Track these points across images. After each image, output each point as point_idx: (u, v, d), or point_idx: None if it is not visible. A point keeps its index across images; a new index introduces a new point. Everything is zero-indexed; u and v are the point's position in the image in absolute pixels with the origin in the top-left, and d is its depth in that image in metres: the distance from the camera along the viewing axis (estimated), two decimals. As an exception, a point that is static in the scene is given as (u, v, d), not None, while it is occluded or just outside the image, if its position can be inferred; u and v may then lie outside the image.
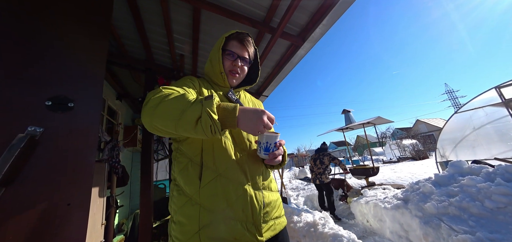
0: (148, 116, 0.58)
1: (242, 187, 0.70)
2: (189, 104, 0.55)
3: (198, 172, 0.69)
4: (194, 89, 0.78)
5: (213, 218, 0.65)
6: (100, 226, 1.96)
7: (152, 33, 2.26)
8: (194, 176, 0.68)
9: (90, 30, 0.86)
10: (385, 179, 7.99)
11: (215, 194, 0.66)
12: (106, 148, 2.39)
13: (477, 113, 4.89)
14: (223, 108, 0.59)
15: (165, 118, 0.56)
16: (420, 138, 20.98)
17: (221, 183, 0.68)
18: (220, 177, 0.68)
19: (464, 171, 2.49)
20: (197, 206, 0.66)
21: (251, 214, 0.69)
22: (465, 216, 1.86)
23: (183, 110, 0.54)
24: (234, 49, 0.86)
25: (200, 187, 0.67)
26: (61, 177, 0.62)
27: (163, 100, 0.57)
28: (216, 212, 0.65)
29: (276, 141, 0.71)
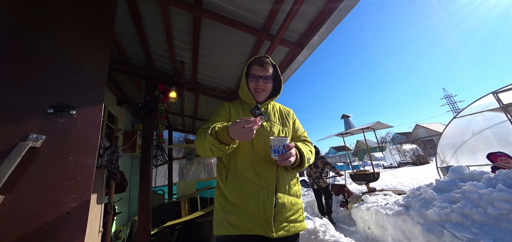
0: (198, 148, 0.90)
1: (256, 187, 0.86)
2: (206, 139, 0.80)
3: (226, 173, 0.92)
4: (226, 115, 1.03)
5: (232, 208, 0.84)
6: (97, 234, 1.93)
7: (153, 40, 2.29)
8: (223, 176, 0.92)
9: (92, 38, 0.87)
10: (386, 184, 7.93)
11: (234, 190, 0.86)
12: (105, 154, 2.38)
13: (475, 118, 4.91)
14: (219, 131, 0.79)
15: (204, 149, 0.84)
16: (420, 143, 20.97)
17: (239, 182, 0.87)
18: (239, 177, 0.88)
19: (465, 176, 2.47)
20: (224, 197, 0.89)
21: (263, 211, 0.82)
22: (468, 223, 1.84)
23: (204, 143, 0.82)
24: (256, 72, 1.04)
25: (226, 184, 0.89)
26: (61, 184, 0.62)
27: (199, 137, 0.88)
28: (234, 205, 0.85)
29: (284, 144, 0.81)
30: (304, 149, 0.94)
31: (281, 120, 1.08)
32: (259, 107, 1.05)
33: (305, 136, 1.13)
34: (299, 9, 1.62)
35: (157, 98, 2.83)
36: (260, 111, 1.04)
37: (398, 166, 16.80)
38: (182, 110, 4.24)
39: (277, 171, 0.91)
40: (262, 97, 1.05)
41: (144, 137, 2.49)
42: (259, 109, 1.04)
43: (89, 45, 0.86)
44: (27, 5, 0.76)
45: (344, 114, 11.46)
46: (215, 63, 2.65)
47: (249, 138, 0.73)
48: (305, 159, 0.93)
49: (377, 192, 4.37)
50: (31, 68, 0.70)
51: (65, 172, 0.63)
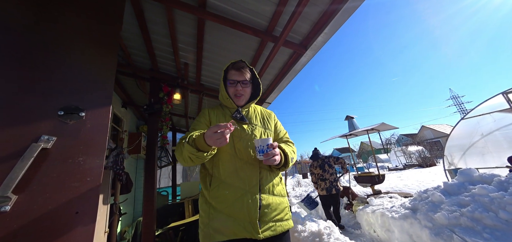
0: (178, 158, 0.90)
1: (240, 191, 0.86)
2: (184, 148, 0.82)
3: (209, 180, 0.91)
4: (206, 122, 1.03)
5: (217, 215, 0.84)
6: (103, 234, 1.96)
7: (158, 43, 2.33)
8: (207, 183, 0.91)
9: (101, 42, 0.89)
10: (392, 187, 7.80)
11: (218, 197, 0.86)
12: (111, 155, 2.42)
13: (484, 119, 4.79)
14: (196, 139, 0.82)
15: (184, 159, 0.85)
16: (426, 145, 20.57)
17: (222, 188, 0.86)
18: (222, 183, 0.87)
19: (475, 179, 2.41)
20: (208, 205, 0.88)
21: (248, 214, 0.82)
22: (479, 228, 1.78)
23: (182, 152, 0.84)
24: (233, 77, 1.05)
25: (210, 191, 0.88)
26: (70, 185, 0.63)
27: (179, 147, 0.89)
28: (219, 211, 0.84)
29: (268, 143, 0.84)
30: (287, 150, 0.98)
31: (263, 122, 1.09)
32: (240, 111, 1.05)
33: (287, 137, 1.16)
34: (302, 10, 1.62)
35: (162, 100, 2.87)
36: (241, 115, 1.03)
37: (403, 168, 16.50)
38: (186, 111, 4.28)
39: (260, 173, 0.92)
40: (242, 101, 1.07)
41: (149, 139, 2.52)
42: (240, 113, 1.04)
43: (98, 49, 0.88)
44: (39, 11, 0.79)
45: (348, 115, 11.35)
46: (218, 65, 2.67)
47: (222, 143, 0.74)
48: (289, 159, 0.96)
49: (382, 195, 4.30)
50: (42, 71, 0.72)
51: (75, 173, 0.64)
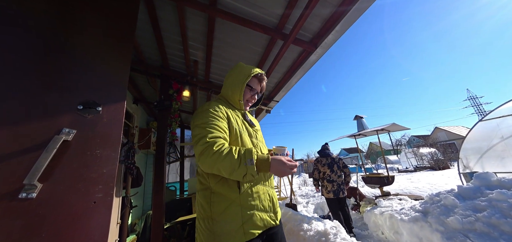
0: (208, 167, 0.81)
1: (264, 187, 0.98)
2: (237, 166, 0.78)
3: (235, 183, 0.89)
4: (224, 119, 0.96)
5: (251, 213, 0.88)
6: (115, 225, 2.04)
7: (169, 40, 2.37)
8: (234, 185, 0.88)
9: (116, 40, 0.92)
10: (401, 189, 7.57)
11: (251, 195, 0.91)
12: (123, 150, 2.51)
13: (505, 121, 4.52)
14: (260, 160, 0.83)
15: (222, 171, 0.80)
16: (440, 147, 19.75)
17: (254, 188, 0.93)
18: (255, 183, 0.94)
19: (492, 183, 2.29)
20: (240, 207, 0.87)
21: (272, 206, 0.98)
22: (496, 234, 1.70)
23: (233, 170, 0.78)
24: (254, 85, 1.10)
25: (241, 195, 0.88)
26: (89, 176, 0.66)
27: (219, 158, 0.79)
28: (253, 208, 0.89)
29: (285, 153, 0.94)
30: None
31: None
32: (247, 116, 1.13)
33: None
34: (314, 7, 1.60)
35: (171, 97, 2.93)
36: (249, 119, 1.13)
37: (414, 170, 15.96)
38: (194, 108, 4.35)
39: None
40: (248, 108, 1.15)
41: (159, 134, 2.59)
42: (248, 117, 1.13)
43: (113, 47, 0.91)
44: (59, 11, 0.83)
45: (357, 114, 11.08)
46: (227, 62, 2.68)
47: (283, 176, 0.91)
48: None
49: (391, 197, 4.19)
50: (63, 67, 0.76)
51: (93, 164, 0.67)
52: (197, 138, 0.84)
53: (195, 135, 0.87)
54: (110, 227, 1.76)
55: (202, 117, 0.90)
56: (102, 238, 0.61)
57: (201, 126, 0.87)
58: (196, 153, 0.83)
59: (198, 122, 0.89)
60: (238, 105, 1.07)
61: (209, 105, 0.96)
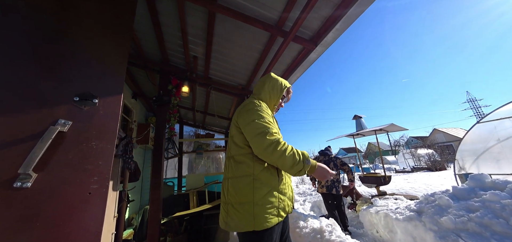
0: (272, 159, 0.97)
1: (290, 179, 1.17)
2: (297, 164, 0.98)
3: (276, 172, 1.05)
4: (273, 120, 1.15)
5: (283, 199, 1.05)
6: (112, 219, 2.05)
7: (168, 35, 2.36)
8: (275, 174, 1.05)
9: (114, 33, 0.92)
10: (398, 189, 7.63)
11: (285, 184, 1.09)
12: (121, 144, 2.50)
13: (503, 123, 4.56)
14: (312, 165, 1.05)
15: (283, 165, 0.98)
16: (437, 148, 19.89)
17: (286, 178, 1.13)
18: (285, 175, 1.13)
19: (487, 185, 2.32)
20: (276, 193, 1.02)
21: (292, 195, 1.16)
22: (487, 234, 1.73)
23: (293, 165, 0.97)
24: (285, 95, 1.35)
25: (279, 183, 1.05)
26: (84, 167, 0.66)
27: (284, 154, 0.96)
28: (285, 196, 1.07)
29: None
30: None
31: None
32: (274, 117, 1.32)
33: None
34: (313, 6, 1.59)
35: (170, 92, 2.92)
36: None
37: (411, 170, 16.08)
38: (194, 104, 4.34)
39: None
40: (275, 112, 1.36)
41: (157, 130, 2.59)
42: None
43: (111, 39, 0.90)
44: (57, 3, 0.82)
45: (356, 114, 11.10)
46: (227, 58, 2.68)
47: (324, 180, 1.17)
48: None
49: (387, 196, 4.23)
50: (60, 58, 0.76)
51: (88, 156, 0.68)
52: (260, 131, 0.98)
53: (256, 129, 0.99)
54: (106, 219, 1.76)
55: (257, 115, 1.04)
56: (97, 229, 0.61)
57: (261, 122, 1.01)
58: (261, 145, 0.96)
59: (254, 118, 1.02)
60: (272, 109, 1.29)
61: (260, 104, 1.11)
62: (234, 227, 0.98)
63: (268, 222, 0.94)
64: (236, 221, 0.96)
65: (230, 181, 1.05)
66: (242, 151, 1.06)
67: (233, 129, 1.13)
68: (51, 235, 0.56)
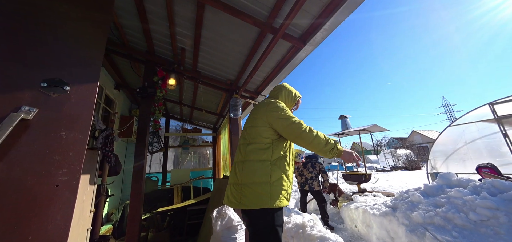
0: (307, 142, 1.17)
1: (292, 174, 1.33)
2: (329, 143, 1.19)
3: (288, 162, 1.26)
4: None
5: (290, 187, 1.23)
6: (88, 214, 1.95)
7: (155, 24, 2.25)
8: (287, 163, 1.24)
9: (91, 15, 0.86)
10: (377, 186, 8.09)
11: (291, 173, 1.28)
12: (101, 136, 2.37)
13: (469, 127, 4.99)
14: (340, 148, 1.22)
15: (318, 144, 1.18)
16: (414, 149, 21.30)
17: (291, 169, 1.30)
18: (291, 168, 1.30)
19: (452, 183, 2.54)
20: (287, 178, 1.21)
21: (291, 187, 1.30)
22: (449, 227, 1.91)
23: (326, 144, 1.18)
24: (297, 104, 1.58)
25: (288, 172, 1.24)
26: (51, 158, 0.62)
27: (317, 136, 1.18)
28: (291, 184, 1.25)
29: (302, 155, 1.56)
30: None
31: None
32: None
33: None
34: (303, 4, 1.60)
35: (156, 84, 2.81)
36: None
37: (390, 169, 17.11)
38: (181, 98, 4.22)
39: None
40: None
41: (141, 122, 2.49)
42: None
43: (88, 22, 0.84)
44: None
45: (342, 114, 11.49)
46: (216, 52, 2.62)
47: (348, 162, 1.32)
48: None
49: (367, 193, 4.47)
50: (26, 41, 0.69)
51: (56, 147, 0.63)
52: (293, 120, 1.19)
53: (289, 118, 1.20)
54: (81, 214, 1.67)
55: (286, 110, 1.27)
56: (65, 223, 0.58)
57: (291, 115, 1.23)
58: (298, 130, 1.16)
59: (285, 112, 1.24)
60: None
61: (283, 104, 1.33)
62: (248, 204, 1.08)
63: (281, 202, 1.11)
64: (251, 199, 1.08)
65: (246, 164, 1.18)
66: (265, 140, 1.23)
67: (256, 121, 1.29)
68: (11, 230, 0.51)
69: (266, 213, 1.08)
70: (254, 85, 3.24)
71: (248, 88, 3.31)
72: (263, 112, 1.29)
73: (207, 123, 5.83)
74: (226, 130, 4.11)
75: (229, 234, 2.06)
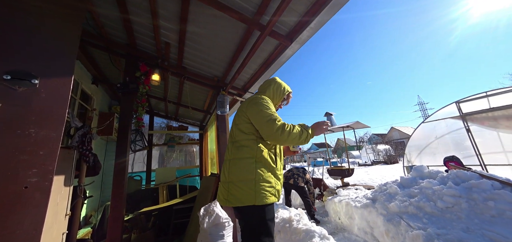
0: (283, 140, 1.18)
1: (282, 169, 1.34)
2: (302, 134, 1.23)
3: (273, 158, 1.25)
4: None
5: (278, 183, 1.24)
6: (63, 217, 1.82)
7: (136, 16, 2.14)
8: (272, 160, 1.24)
9: (63, 3, 0.79)
10: (359, 180, 8.55)
11: (279, 171, 1.27)
12: (77, 135, 2.21)
13: (439, 124, 5.47)
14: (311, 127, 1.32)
15: (292, 140, 1.19)
16: (393, 144, 22.76)
17: (280, 166, 1.30)
18: (280, 163, 1.31)
19: (424, 174, 2.77)
20: (273, 176, 1.21)
21: (280, 183, 1.30)
22: (421, 214, 2.09)
23: (300, 137, 1.22)
24: (286, 98, 1.54)
25: (276, 166, 1.24)
26: (18, 157, 0.57)
27: (291, 133, 1.19)
28: (279, 181, 1.25)
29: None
30: None
31: None
32: None
33: None
34: (291, 0, 1.62)
35: (138, 80, 2.68)
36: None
37: (371, 164, 18.14)
38: (165, 95, 4.07)
39: None
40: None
41: (122, 119, 2.36)
42: None
43: (59, 9, 0.78)
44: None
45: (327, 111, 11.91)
46: (202, 48, 2.56)
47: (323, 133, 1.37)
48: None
49: (350, 187, 4.71)
50: (-16, 27, 0.62)
51: (24, 145, 0.58)
52: (268, 119, 1.18)
53: (265, 117, 1.18)
54: (55, 218, 1.56)
55: (265, 107, 1.23)
56: (35, 227, 0.54)
57: (268, 112, 1.21)
58: (272, 129, 1.15)
59: (262, 109, 1.21)
60: (274, 107, 1.43)
61: (266, 99, 1.31)
62: (234, 202, 1.11)
63: (267, 199, 1.11)
64: (237, 197, 1.10)
65: (232, 162, 1.20)
66: (247, 137, 1.23)
67: (239, 118, 1.29)
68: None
69: (255, 208, 1.10)
70: (241, 81, 3.22)
71: (236, 85, 3.29)
72: (245, 108, 1.29)
73: (193, 121, 5.70)
74: (213, 128, 4.06)
75: (217, 231, 2.06)
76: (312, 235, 2.21)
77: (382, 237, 2.43)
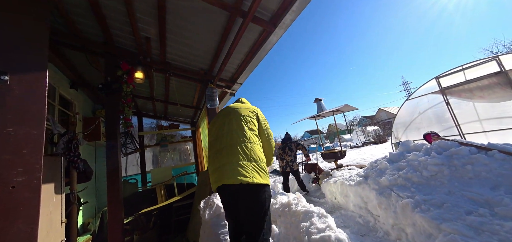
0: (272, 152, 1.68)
1: None
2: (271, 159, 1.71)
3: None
4: None
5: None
6: (59, 225, 1.77)
7: (110, 10, 2.02)
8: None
9: None
10: (351, 161, 8.88)
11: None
12: (61, 141, 2.12)
13: (422, 100, 5.74)
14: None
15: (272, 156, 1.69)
16: (381, 125, 23.68)
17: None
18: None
19: (410, 148, 2.93)
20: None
21: None
22: (409, 185, 2.23)
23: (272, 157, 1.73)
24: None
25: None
26: (1, 157, 0.55)
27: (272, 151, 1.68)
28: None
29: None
30: None
31: None
32: None
33: None
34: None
35: (121, 79, 2.57)
36: None
37: (362, 145, 18.85)
38: (152, 93, 3.94)
39: None
40: None
41: (109, 121, 2.28)
42: None
43: (22, 5, 0.72)
44: None
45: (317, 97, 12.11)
46: (185, 41, 2.49)
47: None
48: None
49: (343, 168, 4.88)
50: None
51: (5, 145, 0.55)
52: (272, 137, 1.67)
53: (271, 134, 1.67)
54: (51, 225, 1.51)
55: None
56: (30, 225, 0.52)
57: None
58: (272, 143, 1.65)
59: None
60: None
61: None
62: (258, 179, 1.31)
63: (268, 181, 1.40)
64: (262, 176, 1.33)
65: (253, 146, 1.42)
66: (255, 128, 1.54)
67: (248, 114, 1.55)
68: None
69: (267, 186, 1.36)
70: (229, 73, 3.19)
71: (223, 77, 3.24)
72: (255, 110, 1.63)
73: (184, 118, 5.60)
74: (205, 122, 4.02)
75: (218, 221, 2.09)
76: (311, 215, 2.29)
77: (376, 210, 2.57)
